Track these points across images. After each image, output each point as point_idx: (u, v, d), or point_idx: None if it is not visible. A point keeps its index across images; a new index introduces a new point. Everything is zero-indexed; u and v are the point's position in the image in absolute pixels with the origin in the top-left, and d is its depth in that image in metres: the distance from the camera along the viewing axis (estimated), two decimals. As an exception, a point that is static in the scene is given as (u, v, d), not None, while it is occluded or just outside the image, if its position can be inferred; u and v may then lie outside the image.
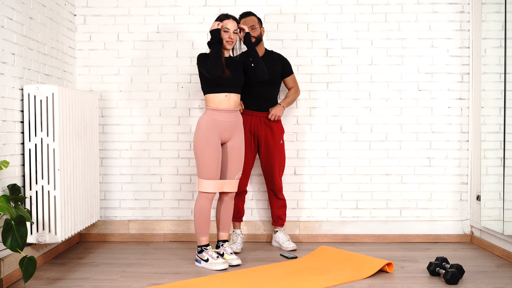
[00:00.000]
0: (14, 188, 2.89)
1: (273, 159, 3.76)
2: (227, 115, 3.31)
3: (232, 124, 3.34)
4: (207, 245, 3.33)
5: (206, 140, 3.27)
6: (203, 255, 3.30)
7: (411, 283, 2.95)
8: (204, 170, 3.28)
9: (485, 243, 3.79)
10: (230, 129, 3.34)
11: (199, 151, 3.28)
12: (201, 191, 3.31)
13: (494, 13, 3.69)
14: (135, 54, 4.07)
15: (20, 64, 3.13)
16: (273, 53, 3.82)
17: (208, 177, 3.28)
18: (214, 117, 3.29)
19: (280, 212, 3.84)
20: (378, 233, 4.06)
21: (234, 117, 3.35)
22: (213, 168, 3.27)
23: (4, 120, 2.93)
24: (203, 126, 3.29)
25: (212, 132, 3.28)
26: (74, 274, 3.14)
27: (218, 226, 3.46)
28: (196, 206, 3.33)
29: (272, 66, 3.73)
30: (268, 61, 3.73)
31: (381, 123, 4.06)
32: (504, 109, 3.54)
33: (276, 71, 3.74)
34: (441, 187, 4.06)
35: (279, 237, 3.82)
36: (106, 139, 4.07)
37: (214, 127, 3.29)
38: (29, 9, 3.25)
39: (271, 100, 3.78)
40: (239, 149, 3.39)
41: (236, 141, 3.37)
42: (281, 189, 3.83)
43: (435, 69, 4.05)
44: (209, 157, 3.26)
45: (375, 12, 4.05)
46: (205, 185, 3.28)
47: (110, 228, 4.08)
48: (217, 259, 3.24)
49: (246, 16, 3.71)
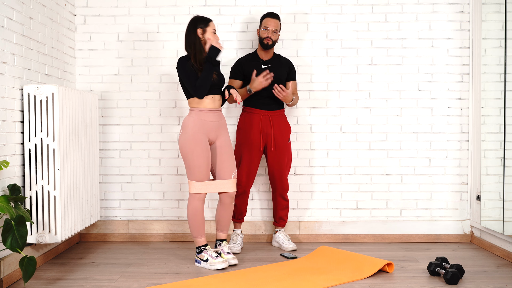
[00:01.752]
0: (14, 188, 2.89)
1: (282, 158, 3.74)
2: (213, 114, 3.33)
3: (218, 124, 3.37)
4: (206, 245, 3.33)
5: (194, 140, 3.25)
6: (202, 255, 3.30)
7: (411, 283, 2.95)
8: (195, 171, 3.25)
9: (485, 243, 3.79)
10: (216, 129, 3.35)
11: (188, 153, 3.26)
12: (192, 192, 3.28)
13: (494, 13, 3.69)
14: (135, 54, 4.07)
15: (20, 64, 3.13)
16: (281, 57, 3.83)
17: (199, 178, 3.26)
18: (200, 117, 3.30)
19: (283, 213, 3.84)
20: (378, 233, 4.06)
21: (218, 117, 3.38)
22: (203, 168, 3.26)
23: (4, 120, 2.93)
24: (190, 127, 3.27)
25: (200, 132, 3.27)
26: (74, 274, 3.14)
27: (217, 226, 3.46)
28: (189, 208, 3.31)
29: (280, 69, 3.74)
30: (276, 63, 3.75)
31: (381, 123, 4.06)
32: (504, 109, 3.54)
33: (282, 73, 3.76)
34: (441, 187, 4.06)
35: (280, 237, 3.81)
36: (106, 139, 4.07)
37: (202, 127, 3.29)
38: (29, 9, 3.25)
39: (278, 100, 3.76)
40: (228, 148, 3.40)
41: (223, 140, 3.39)
42: (287, 190, 3.81)
43: (435, 69, 4.05)
44: (199, 157, 3.24)
45: (375, 12, 4.05)
46: (197, 186, 3.26)
47: (110, 228, 4.08)
48: (217, 258, 3.24)
49: (273, 17, 3.69)
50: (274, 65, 3.73)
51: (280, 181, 3.76)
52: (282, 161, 3.75)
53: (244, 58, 3.77)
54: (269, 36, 3.66)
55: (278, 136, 3.71)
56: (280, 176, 3.75)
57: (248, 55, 3.78)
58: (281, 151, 3.73)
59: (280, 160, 3.73)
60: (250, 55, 3.77)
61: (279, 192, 3.79)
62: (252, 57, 3.75)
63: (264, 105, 3.71)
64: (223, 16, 4.04)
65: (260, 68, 3.69)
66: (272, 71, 3.68)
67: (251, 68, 3.68)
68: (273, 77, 3.61)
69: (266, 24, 3.67)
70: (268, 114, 3.72)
